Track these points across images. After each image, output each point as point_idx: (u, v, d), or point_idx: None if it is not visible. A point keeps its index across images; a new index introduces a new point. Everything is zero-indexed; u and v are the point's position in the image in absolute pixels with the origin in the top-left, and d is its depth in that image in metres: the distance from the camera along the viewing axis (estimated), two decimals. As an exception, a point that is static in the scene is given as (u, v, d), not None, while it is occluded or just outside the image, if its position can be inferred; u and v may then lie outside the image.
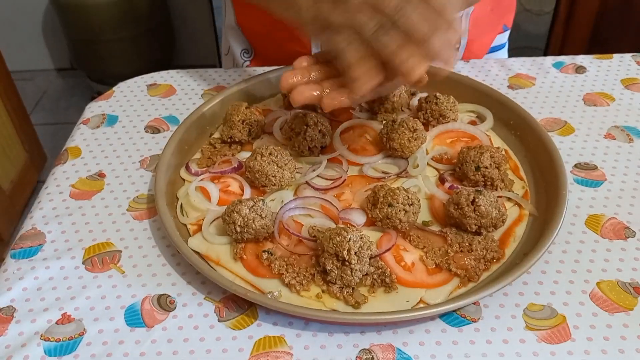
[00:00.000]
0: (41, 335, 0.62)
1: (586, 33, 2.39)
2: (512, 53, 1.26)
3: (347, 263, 0.62)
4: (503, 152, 0.77)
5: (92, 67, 2.87)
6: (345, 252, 0.62)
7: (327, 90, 0.69)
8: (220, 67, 1.22)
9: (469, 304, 0.63)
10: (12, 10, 3.02)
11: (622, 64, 1.01)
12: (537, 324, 0.62)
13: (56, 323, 0.63)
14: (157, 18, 2.81)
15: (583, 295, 0.65)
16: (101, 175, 0.81)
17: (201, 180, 0.77)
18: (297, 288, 0.64)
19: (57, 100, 3.10)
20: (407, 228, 0.70)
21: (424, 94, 0.88)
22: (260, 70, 1.01)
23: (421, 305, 0.64)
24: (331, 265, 0.63)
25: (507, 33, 1.18)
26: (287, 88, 0.70)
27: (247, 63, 1.13)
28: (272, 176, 0.74)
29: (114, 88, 0.99)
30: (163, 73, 1.02)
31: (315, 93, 0.68)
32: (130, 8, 2.64)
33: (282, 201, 0.74)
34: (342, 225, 0.70)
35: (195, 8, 2.98)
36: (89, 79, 2.97)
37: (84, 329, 0.62)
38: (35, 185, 2.41)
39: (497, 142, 0.84)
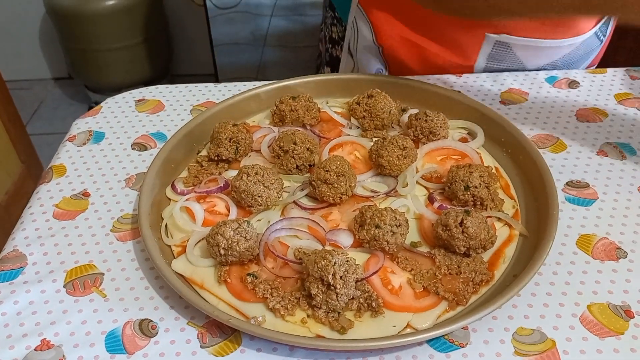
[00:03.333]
0: (19, 363, 0.61)
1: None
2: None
3: (333, 287, 0.61)
4: (493, 171, 0.76)
5: (90, 76, 2.87)
6: (330, 276, 0.61)
7: None
8: (217, 80, 1.21)
9: (457, 329, 0.62)
10: (9, 20, 3.02)
11: (615, 78, 1.00)
12: (527, 349, 0.61)
13: (35, 349, 0.62)
14: (155, 28, 2.80)
15: (573, 318, 0.64)
16: (85, 194, 0.80)
17: (186, 200, 0.76)
18: (282, 313, 0.63)
19: (55, 109, 3.09)
20: (395, 250, 0.68)
21: (414, 111, 0.87)
22: (250, 85, 1.00)
23: (408, 330, 0.63)
24: (316, 290, 0.62)
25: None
26: None
27: None
28: (258, 196, 0.73)
29: (102, 104, 0.98)
30: (152, 88, 1.01)
31: None
32: (127, 18, 2.64)
33: (269, 221, 0.73)
34: (328, 248, 0.69)
35: (192, 18, 2.98)
36: (86, 88, 2.97)
37: (64, 355, 0.61)
38: (31, 197, 2.40)
39: (488, 159, 0.83)
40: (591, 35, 1.02)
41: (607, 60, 1.11)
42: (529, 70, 1.03)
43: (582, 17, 0.84)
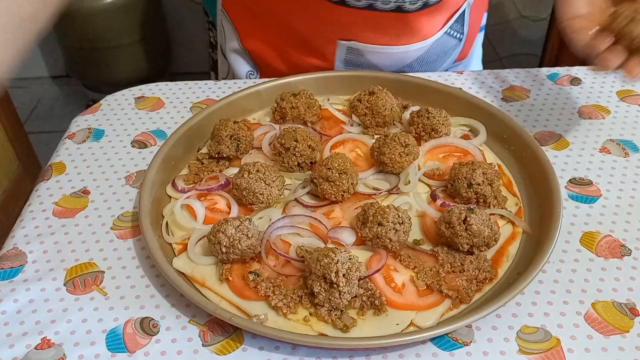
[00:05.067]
0: (19, 362, 0.60)
1: (583, 40, 2.37)
2: (509, 59, 1.24)
3: (335, 285, 0.61)
4: (496, 168, 0.75)
5: (88, 75, 2.85)
6: (333, 274, 0.60)
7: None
8: (210, 78, 1.20)
9: (461, 327, 0.61)
10: (7, 18, 3.01)
11: (617, 75, 0.99)
12: (531, 347, 0.61)
13: (35, 348, 0.61)
14: (153, 26, 2.79)
15: (578, 316, 0.64)
16: (85, 192, 0.80)
17: (187, 198, 0.75)
18: (284, 311, 0.62)
19: (52, 108, 3.08)
20: (398, 247, 0.68)
21: (416, 108, 0.87)
22: (250, 82, 0.99)
23: (412, 328, 0.62)
24: (319, 288, 0.61)
25: (486, 14, 1.17)
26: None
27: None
28: (260, 194, 0.72)
29: (102, 101, 0.98)
30: (152, 85, 1.01)
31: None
32: (125, 15, 2.62)
33: (270, 219, 0.73)
34: (330, 246, 0.68)
35: (191, 16, 2.97)
36: (84, 87, 2.96)
37: (64, 354, 0.61)
38: (29, 196, 2.39)
39: (490, 156, 0.82)
40: (441, 36, 1.03)
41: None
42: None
43: None
